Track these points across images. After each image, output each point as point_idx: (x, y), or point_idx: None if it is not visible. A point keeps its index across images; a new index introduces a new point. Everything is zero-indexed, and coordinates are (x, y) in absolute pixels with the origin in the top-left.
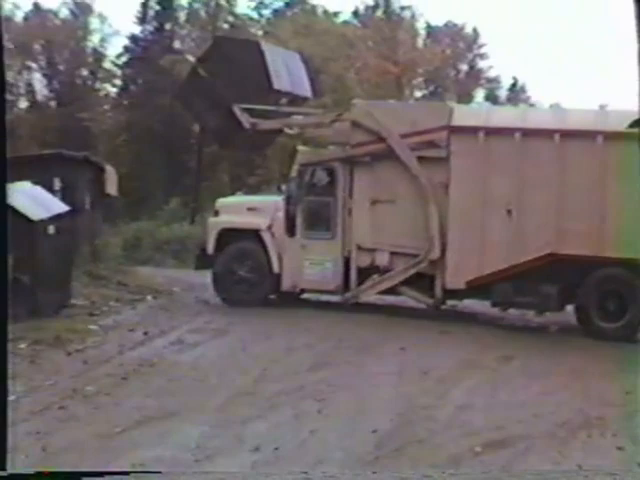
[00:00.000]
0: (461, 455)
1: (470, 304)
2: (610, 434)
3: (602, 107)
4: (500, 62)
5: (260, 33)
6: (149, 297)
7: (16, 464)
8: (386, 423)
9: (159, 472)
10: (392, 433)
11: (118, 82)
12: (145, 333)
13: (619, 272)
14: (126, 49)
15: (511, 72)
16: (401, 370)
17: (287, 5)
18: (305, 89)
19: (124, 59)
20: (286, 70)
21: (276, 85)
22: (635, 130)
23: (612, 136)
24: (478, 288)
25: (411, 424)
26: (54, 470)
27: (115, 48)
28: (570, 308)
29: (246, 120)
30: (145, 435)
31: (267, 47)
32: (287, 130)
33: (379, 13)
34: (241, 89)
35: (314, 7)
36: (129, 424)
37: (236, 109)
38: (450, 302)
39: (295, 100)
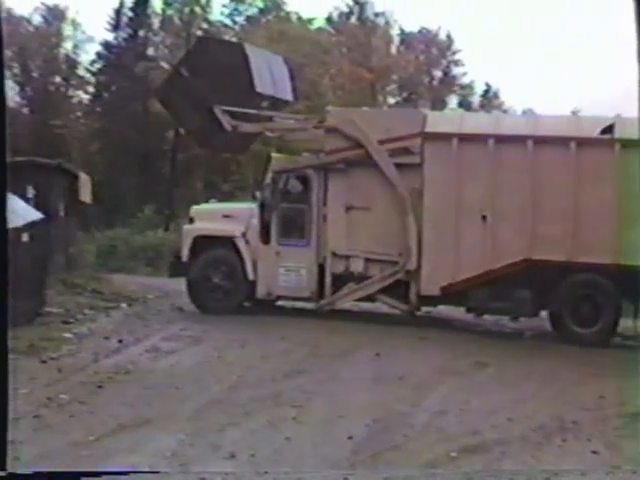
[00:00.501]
0: (437, 460)
1: (445, 310)
2: (585, 438)
3: (575, 113)
4: (473, 68)
5: (234, 40)
6: (124, 305)
7: None
8: (362, 429)
9: (157, 472)
10: (368, 439)
11: (91, 89)
12: (120, 341)
13: (593, 277)
14: (99, 56)
15: (484, 78)
16: (377, 376)
17: (261, 12)
18: (287, 92)
19: (97, 66)
20: (269, 73)
21: (258, 88)
22: (607, 136)
23: (585, 142)
24: (453, 294)
25: (387, 430)
26: (52, 470)
27: (88, 55)
28: (545, 314)
29: (227, 122)
30: (120, 443)
31: (251, 49)
32: (268, 133)
33: (353, 20)
34: (223, 90)
35: (288, 14)
36: (104, 432)
37: (217, 110)
38: (425, 308)
39: (276, 103)
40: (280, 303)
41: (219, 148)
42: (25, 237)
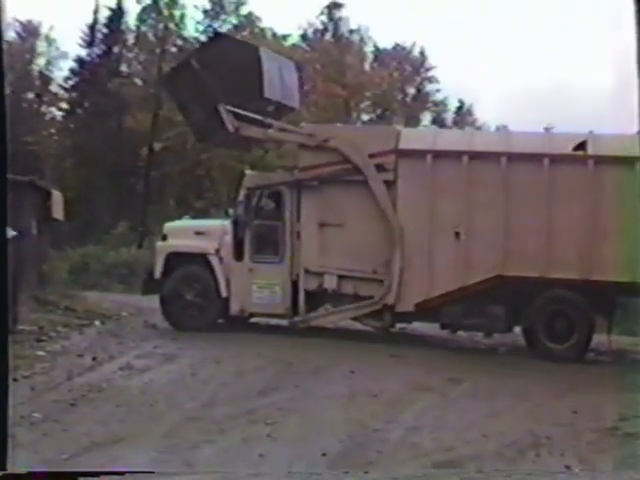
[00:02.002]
0: (411, 476)
1: (420, 327)
2: (558, 453)
3: (548, 129)
4: (447, 85)
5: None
6: (97, 322)
7: None
8: (336, 446)
9: (152, 472)
10: (342, 456)
11: (65, 105)
12: (94, 358)
13: (566, 293)
14: (73, 72)
15: (458, 95)
16: (351, 393)
17: (236, 28)
18: (294, 100)
19: (71, 82)
20: (279, 79)
21: (267, 93)
22: (580, 153)
23: (558, 159)
24: (427, 311)
25: (361, 447)
26: (51, 470)
27: (62, 71)
28: (519, 329)
29: (230, 122)
30: (93, 461)
31: (265, 53)
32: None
33: (327, 37)
34: (231, 89)
35: (263, 30)
36: (77, 450)
37: (222, 109)
38: (399, 325)
39: (282, 109)
40: (254, 320)
41: (217, 144)
42: None
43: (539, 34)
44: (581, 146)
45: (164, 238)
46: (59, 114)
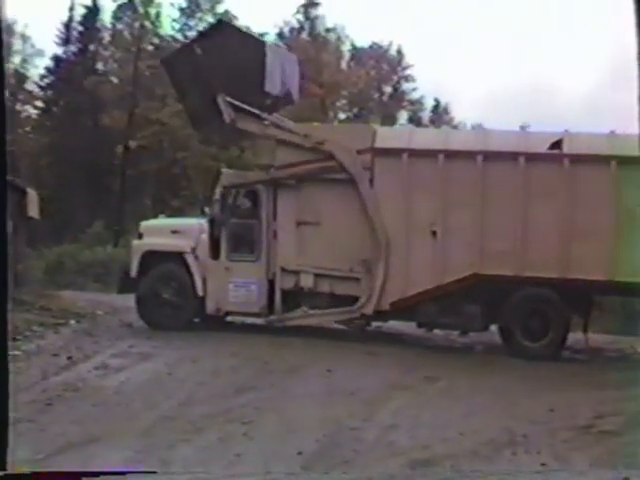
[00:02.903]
0: (388, 475)
1: (396, 325)
2: (534, 451)
3: (523, 128)
4: (424, 83)
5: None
6: (73, 321)
7: None
8: (312, 445)
9: (154, 472)
10: (318, 454)
11: (40, 104)
12: (69, 358)
13: (542, 291)
14: (49, 70)
15: (434, 93)
16: (327, 392)
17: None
18: (293, 94)
19: (47, 80)
20: (281, 73)
21: (267, 88)
22: (556, 151)
23: (534, 157)
24: (403, 309)
25: (337, 445)
26: (51, 470)
27: (38, 69)
28: (495, 328)
29: (228, 113)
30: (68, 461)
31: (270, 49)
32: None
33: (304, 35)
34: (231, 80)
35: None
36: (52, 450)
37: (220, 99)
38: (376, 323)
39: (279, 102)
40: (230, 319)
41: (212, 132)
42: None
43: (515, 33)
44: (557, 145)
45: (140, 237)
46: (35, 112)
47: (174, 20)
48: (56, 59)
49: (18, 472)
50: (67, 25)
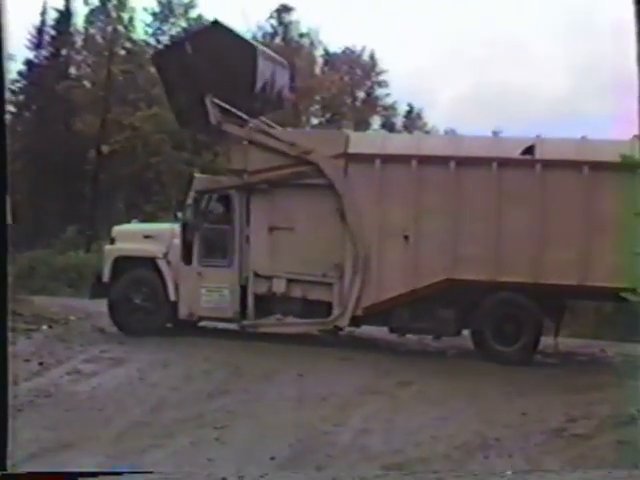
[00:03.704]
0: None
1: (368, 330)
2: (507, 455)
3: (496, 133)
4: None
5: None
6: (45, 327)
7: None
8: (285, 449)
9: (150, 472)
10: (291, 459)
11: (12, 108)
12: (41, 363)
13: (514, 296)
14: (20, 75)
15: (407, 99)
16: (300, 397)
17: (185, 31)
18: (282, 100)
19: (19, 85)
20: (271, 78)
21: (257, 92)
22: (528, 157)
23: (506, 163)
24: (376, 314)
25: (310, 450)
26: (49, 470)
27: (9, 74)
28: (467, 332)
29: (214, 115)
30: (40, 467)
31: (262, 54)
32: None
33: (277, 40)
34: (220, 81)
35: None
36: (24, 457)
37: (208, 101)
38: (348, 328)
39: (267, 106)
40: (203, 324)
41: (197, 131)
42: None
43: (488, 38)
44: (529, 150)
45: (112, 242)
46: (6, 117)
47: (147, 25)
48: (28, 63)
49: (15, 472)
50: (39, 29)
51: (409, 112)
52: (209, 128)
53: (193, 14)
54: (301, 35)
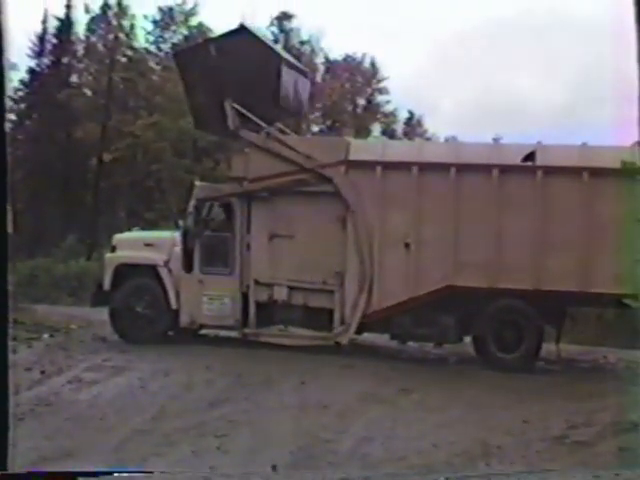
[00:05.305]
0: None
1: (370, 337)
2: (508, 462)
3: (496, 140)
4: (397, 96)
5: (159, 67)
6: (46, 335)
7: None
8: (286, 457)
9: (150, 472)
10: (293, 467)
11: (13, 117)
12: (42, 372)
13: (516, 303)
14: (23, 83)
15: (408, 105)
16: (302, 404)
17: (186, 39)
18: (302, 109)
19: (20, 94)
20: (293, 88)
21: (280, 101)
22: (529, 163)
23: (507, 169)
24: (377, 321)
25: (312, 458)
26: (50, 470)
27: (11, 83)
28: (469, 339)
29: (232, 120)
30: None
31: (285, 62)
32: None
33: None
34: (242, 87)
35: None
36: (23, 466)
37: (227, 105)
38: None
39: (286, 113)
40: (204, 332)
41: (214, 133)
42: None
43: (489, 45)
44: (530, 157)
45: (113, 250)
46: (8, 125)
47: (148, 32)
48: (30, 72)
49: (15, 472)
50: (41, 37)
51: (409, 119)
52: (225, 132)
53: (194, 22)
54: (302, 42)
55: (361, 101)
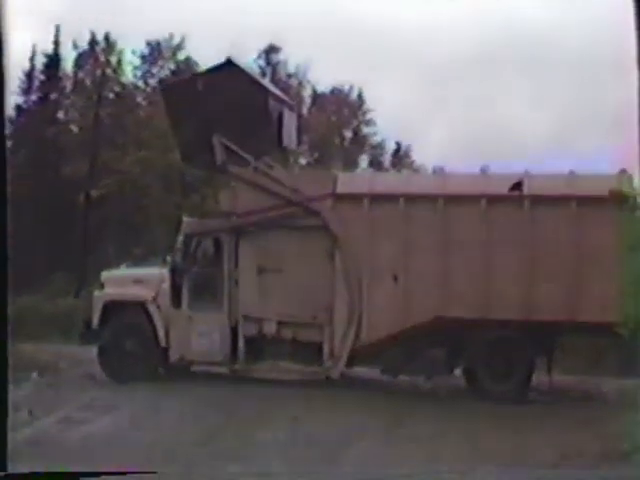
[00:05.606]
0: None
1: (360, 370)
2: None
3: (483, 170)
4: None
5: (146, 102)
6: (34, 374)
7: None
8: None
9: (154, 472)
10: None
11: None
12: (30, 412)
13: (506, 334)
14: (10, 120)
15: (395, 137)
16: (293, 439)
17: (174, 73)
18: (292, 141)
19: (7, 131)
20: (279, 121)
21: (266, 135)
22: (516, 193)
23: (494, 199)
24: (367, 355)
25: None
26: (51, 471)
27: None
28: (459, 371)
29: (220, 155)
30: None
31: (272, 96)
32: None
33: (265, 81)
34: (229, 121)
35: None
36: None
37: (215, 141)
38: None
39: (274, 147)
40: (195, 368)
41: (200, 168)
42: None
43: (476, 75)
44: (517, 186)
45: (101, 287)
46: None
47: (135, 67)
48: (17, 109)
49: (17, 472)
50: (28, 74)
51: (397, 150)
52: (213, 166)
53: (181, 56)
54: (289, 76)
55: (348, 133)
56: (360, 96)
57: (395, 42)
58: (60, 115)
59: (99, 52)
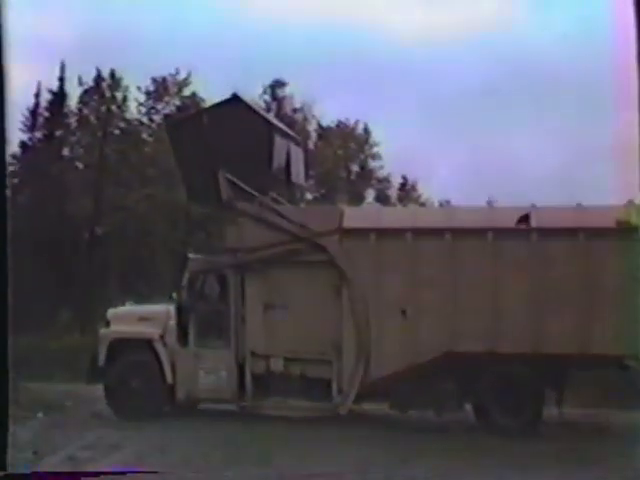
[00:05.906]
0: None
1: (369, 407)
2: None
3: (490, 203)
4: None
5: (151, 139)
6: (40, 414)
7: None
8: None
9: (155, 472)
10: None
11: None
12: (35, 452)
13: (515, 368)
14: (15, 158)
15: (401, 171)
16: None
17: (179, 110)
18: (299, 177)
19: (12, 169)
20: (286, 156)
21: (273, 171)
22: (523, 226)
23: (502, 232)
24: (376, 391)
25: None
26: (52, 471)
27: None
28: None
29: (225, 191)
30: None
31: (278, 131)
32: None
33: (271, 116)
34: (235, 158)
35: None
36: None
37: (221, 176)
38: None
39: (280, 183)
40: (203, 405)
41: (206, 206)
42: None
43: (481, 108)
44: (524, 219)
45: (107, 324)
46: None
47: (140, 104)
48: (22, 146)
49: (17, 472)
50: (33, 111)
51: (403, 184)
52: (218, 202)
53: (187, 92)
54: (295, 110)
55: (354, 167)
56: (366, 130)
57: (401, 75)
58: (65, 152)
59: (104, 88)
